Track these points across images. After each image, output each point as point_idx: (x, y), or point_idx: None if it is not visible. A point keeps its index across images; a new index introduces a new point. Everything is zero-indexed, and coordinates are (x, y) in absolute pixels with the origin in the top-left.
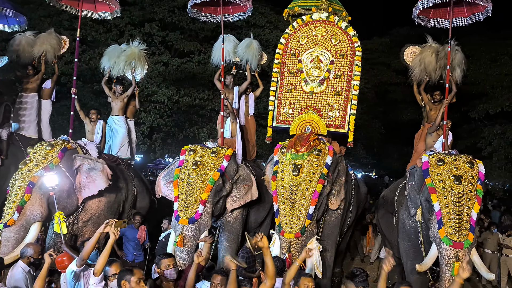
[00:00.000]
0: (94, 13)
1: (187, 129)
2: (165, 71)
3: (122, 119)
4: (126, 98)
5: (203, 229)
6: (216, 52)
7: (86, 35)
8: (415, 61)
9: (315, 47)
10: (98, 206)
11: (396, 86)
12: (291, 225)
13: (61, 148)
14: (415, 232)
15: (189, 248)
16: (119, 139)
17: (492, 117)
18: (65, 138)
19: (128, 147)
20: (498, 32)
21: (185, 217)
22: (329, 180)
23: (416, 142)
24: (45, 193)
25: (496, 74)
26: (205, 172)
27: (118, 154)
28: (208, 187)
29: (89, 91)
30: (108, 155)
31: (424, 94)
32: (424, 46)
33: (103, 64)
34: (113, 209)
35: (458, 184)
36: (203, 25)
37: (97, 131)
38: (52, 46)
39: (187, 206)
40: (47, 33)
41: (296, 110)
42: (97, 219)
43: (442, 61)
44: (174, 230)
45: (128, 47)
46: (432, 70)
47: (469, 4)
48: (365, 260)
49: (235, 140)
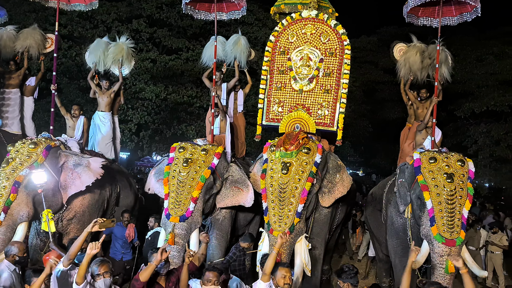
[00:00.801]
0: (67, 5)
1: (175, 126)
2: (153, 68)
3: (107, 116)
4: (113, 94)
5: (194, 227)
6: (206, 53)
7: (73, 31)
8: (400, 61)
9: (305, 45)
10: (82, 204)
11: (384, 84)
12: (280, 223)
13: (45, 146)
14: (403, 229)
15: (179, 246)
16: (103, 137)
17: (477, 116)
18: (47, 135)
19: (111, 146)
20: (484, 32)
21: (176, 215)
22: (318, 178)
23: (402, 140)
24: (31, 192)
25: (482, 74)
26: (196, 169)
27: (100, 152)
28: (199, 184)
29: (75, 88)
30: (90, 151)
31: (410, 93)
32: (409, 46)
33: (88, 60)
34: (97, 207)
35: (450, 182)
36: (191, 22)
37: (77, 127)
38: (36, 41)
39: (178, 204)
40: (31, 28)
41: (285, 108)
42: (81, 216)
43: (426, 60)
44: (165, 228)
45: (116, 43)
46: (417, 69)
47: (458, 3)
48: (353, 257)
49: (224, 137)
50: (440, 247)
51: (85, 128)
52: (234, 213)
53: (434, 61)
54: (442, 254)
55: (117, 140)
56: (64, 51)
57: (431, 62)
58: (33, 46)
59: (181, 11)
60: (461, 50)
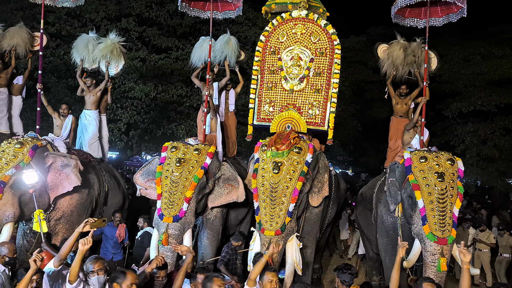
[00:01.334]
0: (54, 1)
1: (164, 126)
2: (142, 67)
3: (94, 114)
4: (100, 92)
5: (187, 227)
6: (195, 53)
7: (61, 30)
8: (384, 56)
9: (295, 45)
10: (69, 204)
11: (373, 84)
12: (271, 223)
13: (31, 146)
14: (393, 228)
15: (173, 246)
16: (89, 136)
17: (465, 115)
18: (33, 135)
19: (98, 145)
20: (471, 33)
21: (169, 215)
22: (308, 178)
23: (390, 138)
24: (17, 192)
25: (469, 74)
26: (189, 169)
27: (88, 151)
28: (193, 184)
29: (63, 87)
30: (78, 150)
31: (391, 88)
32: (392, 43)
33: (74, 56)
34: (85, 206)
35: (441, 181)
36: (181, 21)
37: (65, 126)
38: (23, 40)
39: (172, 204)
40: (17, 26)
41: (276, 108)
42: (69, 216)
43: (410, 57)
44: (158, 229)
45: (104, 39)
46: (400, 64)
47: (444, 4)
48: (343, 256)
49: (215, 136)
50: (432, 245)
51: (73, 127)
52: (225, 212)
53: (418, 58)
54: (434, 252)
55: (104, 139)
56: (52, 50)
57: (415, 59)
58: (20, 45)
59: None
60: (449, 51)
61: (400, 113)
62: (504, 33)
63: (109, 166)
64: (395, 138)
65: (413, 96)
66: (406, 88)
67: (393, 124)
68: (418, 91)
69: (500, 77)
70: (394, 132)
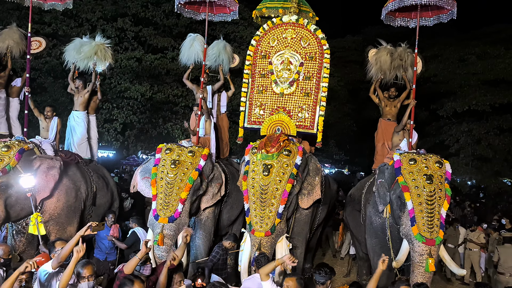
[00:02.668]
0: (44, 4)
1: (160, 126)
2: (138, 67)
3: (81, 115)
4: (87, 94)
5: (181, 228)
6: (185, 52)
7: (57, 29)
8: (371, 61)
9: (285, 49)
10: (56, 206)
11: (368, 84)
12: (261, 224)
13: (18, 149)
14: (382, 228)
15: (168, 246)
16: (78, 137)
17: (459, 115)
18: (20, 138)
19: (87, 145)
20: (466, 33)
21: (164, 215)
22: (298, 180)
23: (378, 140)
24: (2, 195)
25: (464, 74)
26: (183, 171)
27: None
28: (188, 186)
29: (60, 87)
30: (65, 152)
31: (380, 91)
32: (380, 48)
33: (67, 59)
34: (74, 209)
35: (430, 183)
36: (177, 21)
37: (51, 128)
38: (15, 41)
39: (167, 205)
40: (9, 28)
41: (266, 111)
42: (57, 219)
43: (397, 61)
44: (153, 229)
45: (88, 42)
46: (387, 68)
47: (436, 8)
48: (336, 256)
49: (209, 139)
50: (420, 246)
51: (59, 129)
52: (217, 213)
53: (405, 62)
54: (422, 253)
55: (92, 139)
56: (48, 50)
57: (402, 63)
58: (13, 46)
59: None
60: (444, 51)
61: (388, 116)
62: (499, 33)
63: (98, 166)
64: (382, 141)
65: (401, 99)
66: (395, 90)
67: (381, 126)
68: (406, 93)
69: (495, 77)
70: (382, 135)
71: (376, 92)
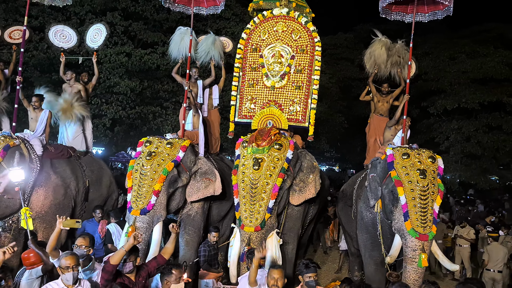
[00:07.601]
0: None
1: (150, 121)
2: (128, 62)
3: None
4: (80, 86)
5: (156, 221)
6: (174, 46)
7: (44, 23)
8: (366, 55)
9: (276, 42)
10: (43, 204)
11: (360, 81)
12: (251, 219)
13: (3, 146)
14: (373, 224)
15: (140, 239)
16: (72, 129)
17: (449, 112)
18: (6, 133)
19: (82, 137)
20: (456, 31)
21: (137, 208)
22: (289, 174)
23: (370, 136)
24: None
25: (454, 72)
26: (159, 162)
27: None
28: (162, 177)
29: (46, 81)
30: (56, 145)
31: (373, 86)
32: (374, 41)
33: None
34: (63, 205)
35: (423, 178)
36: (167, 16)
37: (41, 120)
38: None
39: (140, 197)
40: None
41: (258, 105)
42: (44, 216)
43: (395, 57)
44: (127, 221)
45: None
46: (382, 62)
47: (432, 3)
48: (328, 252)
49: (197, 133)
50: (413, 241)
51: (49, 122)
52: (206, 208)
53: (403, 59)
54: (415, 248)
55: (87, 130)
56: (35, 44)
57: (400, 60)
58: None
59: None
60: (435, 49)
61: (381, 112)
62: (489, 32)
63: (94, 158)
64: (374, 136)
65: (394, 95)
66: (388, 86)
67: (373, 122)
68: (400, 90)
69: (484, 75)
70: (374, 130)
71: (369, 88)
